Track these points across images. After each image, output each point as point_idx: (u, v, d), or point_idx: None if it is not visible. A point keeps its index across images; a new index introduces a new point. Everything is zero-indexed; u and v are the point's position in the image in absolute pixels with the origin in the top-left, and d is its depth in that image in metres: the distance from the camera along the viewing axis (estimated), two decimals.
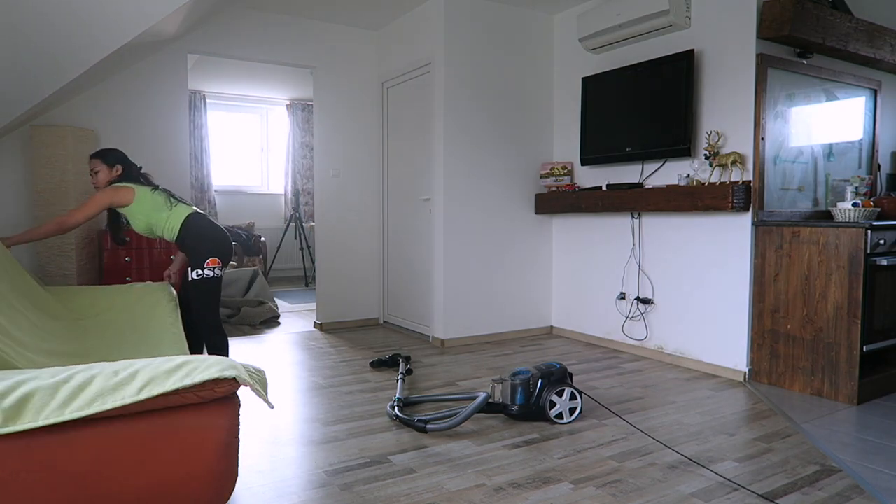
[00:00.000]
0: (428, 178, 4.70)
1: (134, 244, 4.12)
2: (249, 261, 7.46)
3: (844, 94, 3.99)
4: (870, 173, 4.18)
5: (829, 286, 3.24)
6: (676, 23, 3.78)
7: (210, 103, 7.84)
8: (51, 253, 3.91)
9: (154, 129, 4.52)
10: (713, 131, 3.67)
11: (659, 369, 3.85)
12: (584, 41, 4.38)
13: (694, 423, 2.86)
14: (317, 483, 2.21)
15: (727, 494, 2.13)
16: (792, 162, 3.73)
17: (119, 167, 2.96)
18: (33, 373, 1.31)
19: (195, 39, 4.59)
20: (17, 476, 1.18)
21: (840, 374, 3.20)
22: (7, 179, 4.10)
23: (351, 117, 5.27)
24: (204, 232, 2.90)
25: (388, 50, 5.18)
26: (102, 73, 3.96)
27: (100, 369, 1.32)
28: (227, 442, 1.35)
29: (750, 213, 3.52)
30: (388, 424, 2.81)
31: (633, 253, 4.24)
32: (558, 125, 4.91)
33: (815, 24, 3.49)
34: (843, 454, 2.51)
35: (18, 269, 2.74)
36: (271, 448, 2.53)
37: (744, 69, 3.53)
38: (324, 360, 4.07)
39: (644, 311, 4.19)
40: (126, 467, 1.27)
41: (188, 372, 1.30)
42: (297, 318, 5.75)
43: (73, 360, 2.13)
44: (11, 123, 3.78)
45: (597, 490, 2.16)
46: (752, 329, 3.57)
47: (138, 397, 1.25)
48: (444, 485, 2.19)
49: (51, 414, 1.19)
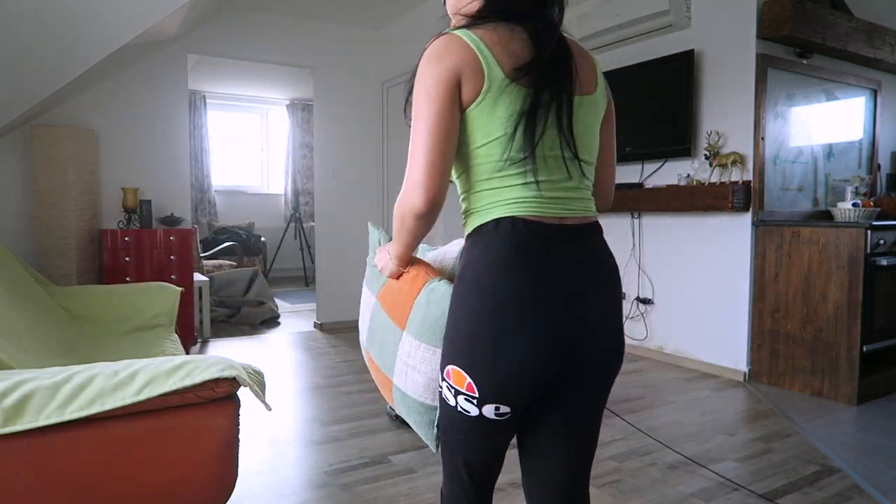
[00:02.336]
0: None
1: (134, 244, 4.12)
2: (249, 260, 7.46)
3: (844, 94, 3.99)
4: (870, 173, 4.18)
5: (829, 286, 3.23)
6: (676, 23, 3.78)
7: (210, 103, 7.84)
8: (51, 253, 3.91)
9: (154, 129, 4.52)
10: (713, 131, 3.66)
11: (659, 369, 3.84)
12: (583, 41, 4.37)
13: (694, 423, 2.86)
14: (317, 483, 2.21)
15: (727, 494, 2.13)
16: (792, 162, 3.73)
17: None
18: (33, 373, 1.31)
19: (195, 39, 4.59)
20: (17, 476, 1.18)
21: (840, 374, 3.20)
22: (7, 179, 4.10)
23: (351, 117, 5.27)
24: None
25: (388, 50, 5.18)
26: (102, 73, 3.96)
27: (100, 369, 1.32)
28: (227, 442, 1.35)
29: (750, 213, 3.52)
30: (388, 424, 2.81)
31: (633, 253, 4.24)
32: None
33: (815, 24, 3.49)
34: (843, 454, 2.51)
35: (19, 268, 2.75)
36: (271, 448, 2.53)
37: (744, 69, 3.53)
38: (324, 360, 4.07)
39: (644, 311, 4.19)
40: (126, 467, 1.27)
41: (188, 372, 1.30)
42: (297, 318, 5.75)
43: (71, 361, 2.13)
44: (11, 123, 3.78)
45: (597, 490, 2.16)
46: (752, 329, 3.57)
47: (138, 398, 1.25)
48: None
49: (51, 414, 1.19)
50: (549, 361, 1.01)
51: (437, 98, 0.98)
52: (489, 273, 1.01)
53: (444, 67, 0.99)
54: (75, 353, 2.28)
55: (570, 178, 1.05)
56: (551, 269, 1.01)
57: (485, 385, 1.00)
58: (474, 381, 1.00)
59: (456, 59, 0.99)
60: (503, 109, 0.99)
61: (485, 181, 1.05)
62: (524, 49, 1.01)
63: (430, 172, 1.02)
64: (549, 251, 1.01)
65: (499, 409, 1.01)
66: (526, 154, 1.00)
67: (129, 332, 2.86)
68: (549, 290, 1.00)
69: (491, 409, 1.01)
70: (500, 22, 1.03)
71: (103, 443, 1.25)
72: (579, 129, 1.05)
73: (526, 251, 1.00)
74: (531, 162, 1.00)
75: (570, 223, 1.04)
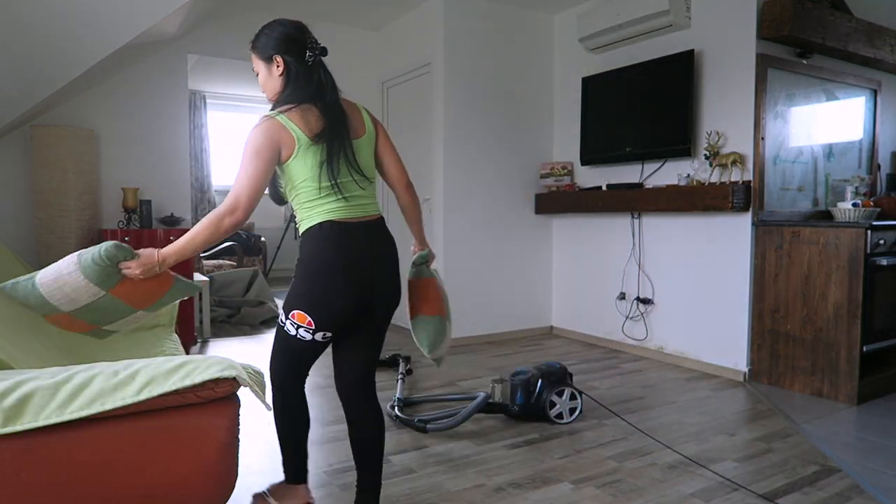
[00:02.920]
0: (428, 178, 4.69)
1: (134, 244, 4.11)
2: (249, 260, 7.46)
3: (844, 94, 3.99)
4: (870, 173, 4.18)
5: (829, 286, 3.23)
6: (676, 23, 3.78)
7: (210, 103, 7.83)
8: (51, 253, 3.91)
9: (154, 129, 4.52)
10: (713, 131, 3.67)
11: (659, 369, 3.84)
12: (584, 41, 4.38)
13: (694, 423, 2.86)
14: (317, 483, 2.21)
15: (727, 494, 2.13)
16: (792, 162, 3.73)
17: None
18: (33, 373, 1.31)
19: (195, 39, 4.59)
20: (17, 476, 1.18)
21: (840, 374, 3.20)
22: (7, 179, 4.10)
23: None
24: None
25: (388, 50, 5.18)
26: (102, 73, 3.96)
27: (100, 369, 1.32)
28: (227, 442, 1.35)
29: (750, 213, 3.52)
30: (388, 424, 2.81)
31: (633, 253, 4.24)
32: (558, 125, 4.91)
33: (815, 24, 3.49)
34: (843, 454, 2.51)
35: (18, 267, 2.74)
36: (271, 448, 2.52)
37: (744, 69, 3.53)
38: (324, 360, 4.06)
39: (644, 311, 4.19)
40: (126, 467, 1.27)
41: (188, 372, 1.30)
42: None
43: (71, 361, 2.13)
44: (11, 123, 3.78)
45: (597, 490, 2.16)
46: (752, 329, 3.57)
47: (138, 398, 1.25)
48: (444, 485, 2.19)
49: (51, 414, 1.19)
50: (352, 303, 1.69)
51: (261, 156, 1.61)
52: (316, 254, 1.67)
53: (268, 138, 1.61)
54: (75, 353, 2.28)
55: (362, 191, 1.73)
56: (352, 249, 1.67)
57: (318, 320, 1.67)
58: (312, 318, 1.66)
59: (276, 134, 1.62)
60: (311, 159, 1.64)
61: (308, 201, 1.69)
62: (317, 121, 1.66)
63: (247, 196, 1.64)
64: (350, 238, 1.68)
65: (325, 335, 1.71)
66: (331, 183, 1.66)
67: (129, 333, 2.86)
68: (350, 261, 1.67)
69: (320, 335, 1.70)
70: (300, 105, 1.67)
71: (103, 443, 1.25)
72: (361, 160, 1.73)
73: (337, 239, 1.67)
74: (336, 188, 1.66)
75: (365, 220, 1.72)
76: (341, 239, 1.66)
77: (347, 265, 1.66)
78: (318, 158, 1.63)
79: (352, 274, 1.67)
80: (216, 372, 1.31)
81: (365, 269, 1.70)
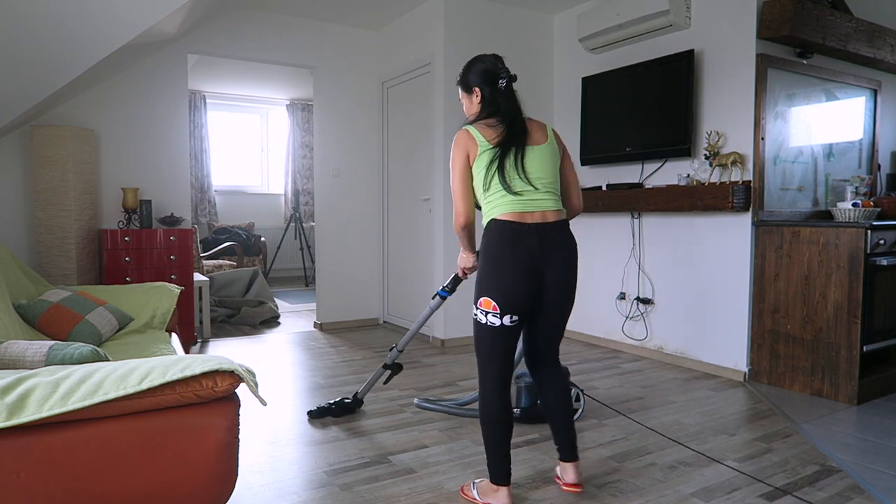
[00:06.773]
0: (428, 178, 4.69)
1: (134, 244, 4.12)
2: (249, 260, 7.46)
3: (844, 94, 3.99)
4: (870, 173, 4.18)
5: (829, 286, 3.23)
6: (676, 23, 3.78)
7: (210, 103, 7.84)
8: (51, 253, 3.91)
9: (154, 129, 4.52)
10: (713, 131, 3.67)
11: (659, 369, 3.84)
12: (584, 41, 4.38)
13: (694, 423, 2.86)
14: (317, 483, 2.21)
15: (727, 494, 2.13)
16: (792, 162, 3.73)
17: None
18: (33, 371, 1.31)
19: (195, 39, 4.59)
20: (17, 476, 1.18)
21: (840, 374, 3.20)
22: (7, 179, 4.10)
23: (351, 117, 5.27)
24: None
25: (388, 50, 5.18)
26: (102, 73, 3.96)
27: (100, 366, 1.32)
28: (227, 442, 1.35)
29: (750, 213, 3.52)
30: (388, 424, 2.81)
31: (633, 253, 4.24)
32: (558, 125, 4.91)
33: (815, 24, 3.49)
34: (843, 454, 2.51)
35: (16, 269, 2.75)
36: (271, 448, 2.53)
37: (744, 69, 3.53)
38: (324, 360, 4.07)
39: (644, 311, 4.19)
40: (126, 467, 1.27)
41: (187, 364, 1.31)
42: (297, 318, 5.75)
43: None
44: (12, 123, 3.78)
45: (597, 490, 2.16)
46: (752, 329, 3.57)
47: (140, 387, 1.25)
48: (444, 485, 2.19)
49: (54, 405, 1.20)
50: (522, 290, 1.94)
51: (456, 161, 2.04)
52: (493, 246, 1.97)
53: (458, 146, 2.03)
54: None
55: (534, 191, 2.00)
56: (522, 242, 1.94)
57: (502, 305, 1.93)
58: (497, 304, 1.94)
59: (464, 141, 2.03)
60: (486, 160, 1.99)
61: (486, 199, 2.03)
62: (497, 131, 2.01)
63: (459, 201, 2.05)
64: (519, 234, 1.95)
65: (512, 318, 1.95)
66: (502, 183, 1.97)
67: (129, 333, 2.86)
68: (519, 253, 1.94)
69: (507, 318, 1.94)
70: (486, 119, 2.06)
71: (103, 442, 1.25)
72: (530, 164, 2.01)
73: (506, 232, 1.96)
74: (506, 187, 1.96)
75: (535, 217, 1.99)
76: (511, 233, 1.94)
77: (517, 257, 1.93)
78: (493, 160, 1.97)
79: (520, 264, 1.94)
80: (214, 364, 1.32)
81: (535, 261, 1.95)
